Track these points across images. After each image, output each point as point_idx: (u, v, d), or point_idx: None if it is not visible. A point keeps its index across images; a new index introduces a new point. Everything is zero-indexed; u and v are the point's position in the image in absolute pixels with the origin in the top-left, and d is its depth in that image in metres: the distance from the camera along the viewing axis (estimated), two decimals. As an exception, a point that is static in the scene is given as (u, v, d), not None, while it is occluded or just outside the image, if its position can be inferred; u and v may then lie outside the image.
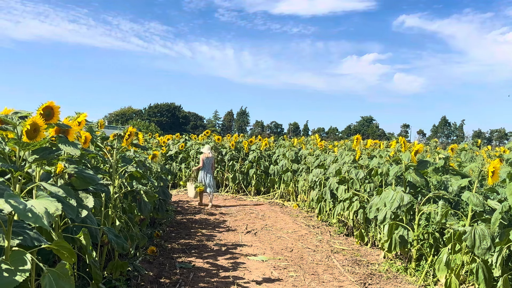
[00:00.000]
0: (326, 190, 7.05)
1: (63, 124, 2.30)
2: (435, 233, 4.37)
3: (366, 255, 5.52)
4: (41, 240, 1.87)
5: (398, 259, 5.12)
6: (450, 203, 4.29)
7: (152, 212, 5.48)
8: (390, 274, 4.67)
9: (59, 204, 1.70)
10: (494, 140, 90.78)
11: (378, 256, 5.45)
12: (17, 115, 2.06)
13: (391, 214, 4.55)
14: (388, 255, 5.21)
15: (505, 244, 3.21)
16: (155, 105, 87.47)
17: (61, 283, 1.84)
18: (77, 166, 2.49)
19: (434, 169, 4.83)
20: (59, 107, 2.22)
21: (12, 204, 1.50)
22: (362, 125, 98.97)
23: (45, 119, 2.10)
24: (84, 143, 2.81)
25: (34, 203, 1.63)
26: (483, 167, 3.84)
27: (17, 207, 1.52)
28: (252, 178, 11.28)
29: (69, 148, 2.10)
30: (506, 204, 3.10)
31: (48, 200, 1.71)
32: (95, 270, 2.78)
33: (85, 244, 2.42)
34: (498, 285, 3.20)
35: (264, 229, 7.02)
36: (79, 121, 2.80)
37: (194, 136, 14.64)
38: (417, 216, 4.48)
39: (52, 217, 1.62)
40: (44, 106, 2.14)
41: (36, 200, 1.68)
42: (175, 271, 4.54)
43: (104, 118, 63.86)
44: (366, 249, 5.87)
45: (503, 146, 9.17)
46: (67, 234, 2.59)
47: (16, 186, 1.94)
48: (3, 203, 1.49)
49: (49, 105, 2.15)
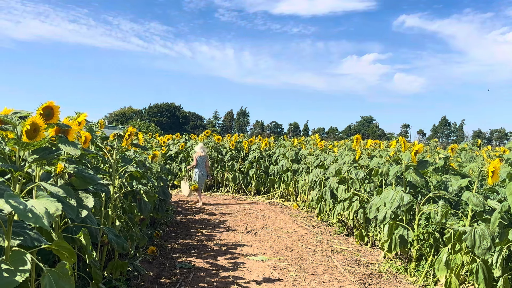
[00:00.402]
0: (326, 190, 7.05)
1: (63, 124, 2.30)
2: (435, 233, 4.37)
3: (366, 255, 5.52)
4: (41, 240, 1.87)
5: (398, 259, 5.12)
6: (450, 203, 4.29)
7: (152, 212, 5.48)
8: (390, 274, 4.67)
9: (59, 204, 1.70)
10: (494, 140, 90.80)
11: (378, 256, 5.45)
12: (17, 115, 2.06)
13: (391, 214, 4.55)
14: (388, 255, 5.21)
15: (505, 244, 3.21)
16: (155, 105, 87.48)
17: (61, 283, 1.84)
18: (77, 166, 2.49)
19: (434, 169, 4.83)
20: (59, 107, 2.21)
21: (12, 204, 1.51)
22: (362, 125, 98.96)
23: (45, 119, 2.10)
24: (84, 143, 2.81)
25: (34, 203, 1.63)
26: (483, 167, 3.84)
27: (17, 207, 1.52)
28: (252, 178, 11.28)
29: (69, 148, 2.10)
30: (506, 204, 3.10)
31: (48, 200, 1.71)
32: (95, 270, 2.78)
33: (85, 244, 2.42)
34: (498, 285, 3.20)
35: (264, 229, 7.02)
36: (79, 121, 2.79)
37: (194, 136, 14.65)
38: (417, 216, 4.48)
39: (52, 217, 1.62)
40: (44, 106, 2.14)
41: (36, 200, 1.68)
42: (175, 271, 4.54)
43: (104, 118, 63.89)
44: (366, 249, 5.87)
45: (503, 146, 9.18)
46: (67, 234, 2.59)
47: (16, 186, 1.94)
48: (3, 203, 1.49)
49: (49, 105, 2.15)
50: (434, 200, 4.48)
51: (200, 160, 9.38)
